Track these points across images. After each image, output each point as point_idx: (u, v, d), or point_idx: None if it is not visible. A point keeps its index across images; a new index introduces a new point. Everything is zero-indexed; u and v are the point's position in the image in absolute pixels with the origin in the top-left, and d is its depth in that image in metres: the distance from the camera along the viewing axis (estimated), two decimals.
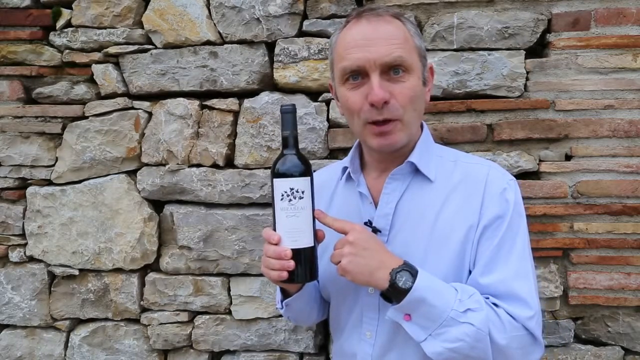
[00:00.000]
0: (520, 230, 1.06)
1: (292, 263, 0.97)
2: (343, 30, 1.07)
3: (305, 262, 0.99)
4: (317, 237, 1.02)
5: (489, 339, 0.95)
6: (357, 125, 1.06)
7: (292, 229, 0.98)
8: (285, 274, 0.98)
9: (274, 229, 1.01)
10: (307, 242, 0.99)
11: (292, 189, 0.97)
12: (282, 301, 1.19)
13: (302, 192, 0.98)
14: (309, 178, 0.99)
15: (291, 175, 0.98)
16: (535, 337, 1.00)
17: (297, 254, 0.98)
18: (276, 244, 0.99)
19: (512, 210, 1.04)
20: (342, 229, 1.01)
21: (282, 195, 0.98)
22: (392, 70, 1.00)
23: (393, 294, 0.96)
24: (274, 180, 0.99)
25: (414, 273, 0.96)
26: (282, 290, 1.19)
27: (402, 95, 1.01)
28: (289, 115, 1.01)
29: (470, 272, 1.05)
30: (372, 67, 0.99)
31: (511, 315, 0.98)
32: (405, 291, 0.94)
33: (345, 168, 1.19)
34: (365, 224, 1.10)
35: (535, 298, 1.02)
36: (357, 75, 1.02)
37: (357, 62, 1.00)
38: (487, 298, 1.00)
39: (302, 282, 1.08)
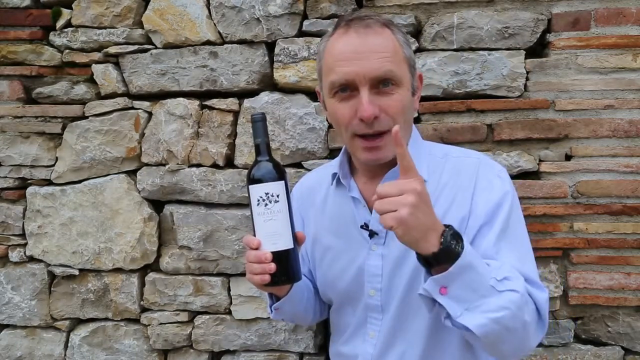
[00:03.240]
0: (518, 216, 1.07)
1: (272, 266, 0.98)
2: (331, 40, 1.04)
3: (286, 264, 1.01)
4: (297, 239, 1.03)
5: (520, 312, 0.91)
6: (345, 137, 1.06)
7: (270, 233, 1.00)
8: (267, 277, 0.98)
9: (254, 235, 1.02)
10: (286, 244, 1.00)
11: (267, 194, 1.00)
12: (271, 306, 1.19)
13: (277, 196, 1.00)
14: (282, 182, 1.01)
15: (265, 181, 1.00)
16: (542, 317, 0.99)
17: (277, 256, 0.99)
18: (256, 249, 0.99)
19: (506, 198, 1.04)
20: (407, 170, 0.89)
21: (258, 200, 1.00)
22: (381, 83, 0.99)
23: (441, 258, 0.87)
24: (250, 186, 1.02)
25: (461, 237, 0.88)
26: (271, 295, 1.18)
27: (392, 108, 1.00)
28: (259, 124, 1.04)
29: None
30: (362, 82, 0.98)
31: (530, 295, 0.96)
32: (456, 255, 0.86)
33: (334, 174, 1.18)
34: (362, 227, 1.10)
35: (538, 276, 1.04)
36: (346, 88, 1.01)
37: (347, 76, 0.99)
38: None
39: (284, 284, 1.09)
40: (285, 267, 1.01)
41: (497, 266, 0.93)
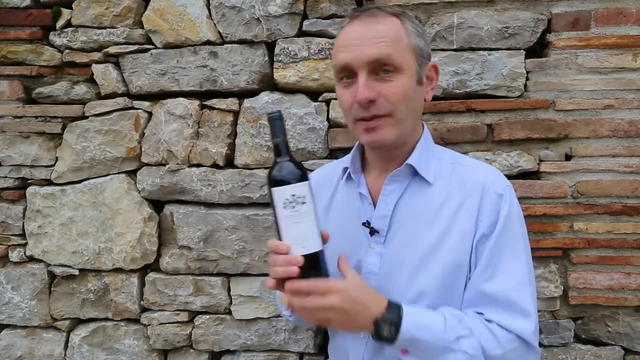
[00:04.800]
0: (519, 237, 1.06)
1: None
2: (341, 32, 1.08)
3: (317, 266, 0.97)
4: (323, 238, 1.01)
5: (485, 356, 0.97)
6: (349, 123, 1.08)
7: (299, 236, 0.96)
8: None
9: (280, 239, 0.98)
10: (316, 246, 0.97)
11: (293, 196, 0.95)
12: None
13: (304, 197, 0.96)
14: (307, 182, 0.98)
15: (291, 182, 0.95)
16: (530, 345, 1.01)
17: (308, 259, 0.96)
18: (285, 254, 0.96)
19: (508, 218, 1.05)
20: (324, 291, 0.95)
21: (285, 203, 0.95)
22: (381, 69, 1.01)
23: (381, 340, 0.98)
24: (273, 189, 0.96)
25: (397, 319, 0.96)
26: None
27: (391, 94, 1.01)
28: (277, 122, 1.00)
29: (468, 276, 1.06)
30: (360, 66, 1.00)
31: (506, 328, 1.00)
32: (392, 339, 0.96)
33: (345, 168, 1.19)
34: (364, 224, 1.11)
35: (533, 306, 1.03)
36: (349, 74, 1.03)
37: (345, 60, 1.01)
38: (481, 313, 1.02)
39: None
40: (317, 270, 0.97)
41: (456, 321, 0.99)
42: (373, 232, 1.10)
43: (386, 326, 0.96)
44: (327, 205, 1.22)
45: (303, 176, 0.98)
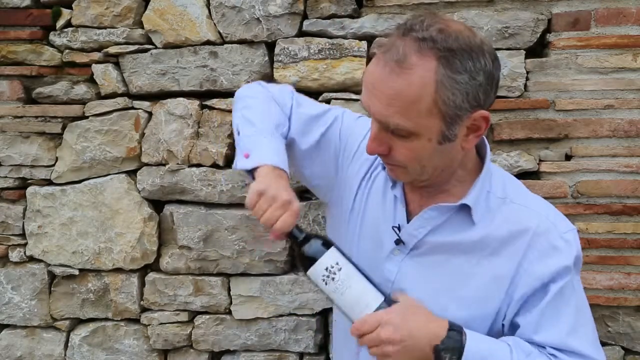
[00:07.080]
0: (576, 287, 1.00)
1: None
2: (373, 57, 0.95)
3: None
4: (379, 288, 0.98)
5: None
6: None
7: (357, 300, 0.94)
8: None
9: (342, 312, 0.97)
10: (377, 298, 0.95)
11: (326, 269, 0.93)
12: None
13: (337, 263, 0.94)
14: (332, 247, 0.95)
15: (317, 258, 0.94)
16: None
17: None
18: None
19: (565, 272, 0.96)
20: (375, 326, 0.92)
21: (324, 279, 0.93)
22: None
23: None
24: (308, 273, 0.95)
25: (459, 346, 0.91)
26: None
27: (400, 154, 0.92)
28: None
29: (494, 319, 1.01)
30: (373, 117, 0.92)
31: None
32: None
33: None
34: (393, 227, 1.05)
35: (595, 347, 0.99)
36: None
37: (364, 104, 0.93)
38: (544, 347, 0.97)
39: None
40: None
41: (523, 355, 0.93)
42: (399, 241, 1.04)
43: (447, 354, 0.90)
44: (370, 186, 1.14)
45: (325, 243, 0.96)
